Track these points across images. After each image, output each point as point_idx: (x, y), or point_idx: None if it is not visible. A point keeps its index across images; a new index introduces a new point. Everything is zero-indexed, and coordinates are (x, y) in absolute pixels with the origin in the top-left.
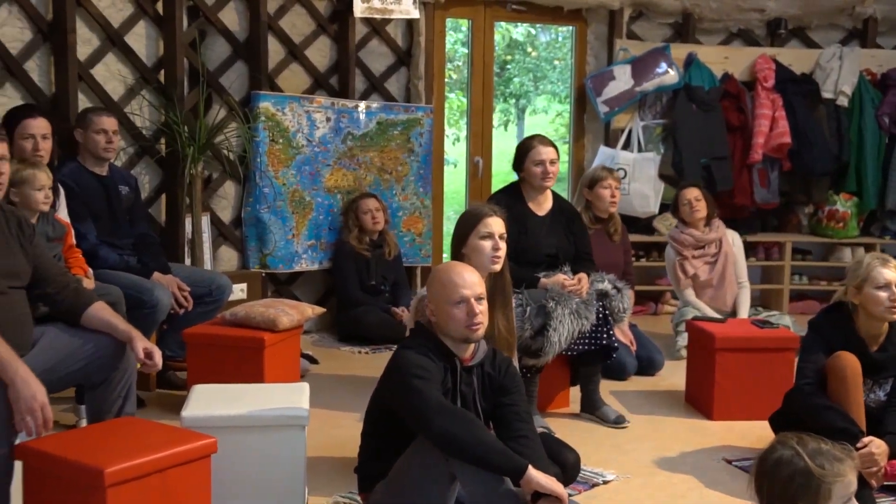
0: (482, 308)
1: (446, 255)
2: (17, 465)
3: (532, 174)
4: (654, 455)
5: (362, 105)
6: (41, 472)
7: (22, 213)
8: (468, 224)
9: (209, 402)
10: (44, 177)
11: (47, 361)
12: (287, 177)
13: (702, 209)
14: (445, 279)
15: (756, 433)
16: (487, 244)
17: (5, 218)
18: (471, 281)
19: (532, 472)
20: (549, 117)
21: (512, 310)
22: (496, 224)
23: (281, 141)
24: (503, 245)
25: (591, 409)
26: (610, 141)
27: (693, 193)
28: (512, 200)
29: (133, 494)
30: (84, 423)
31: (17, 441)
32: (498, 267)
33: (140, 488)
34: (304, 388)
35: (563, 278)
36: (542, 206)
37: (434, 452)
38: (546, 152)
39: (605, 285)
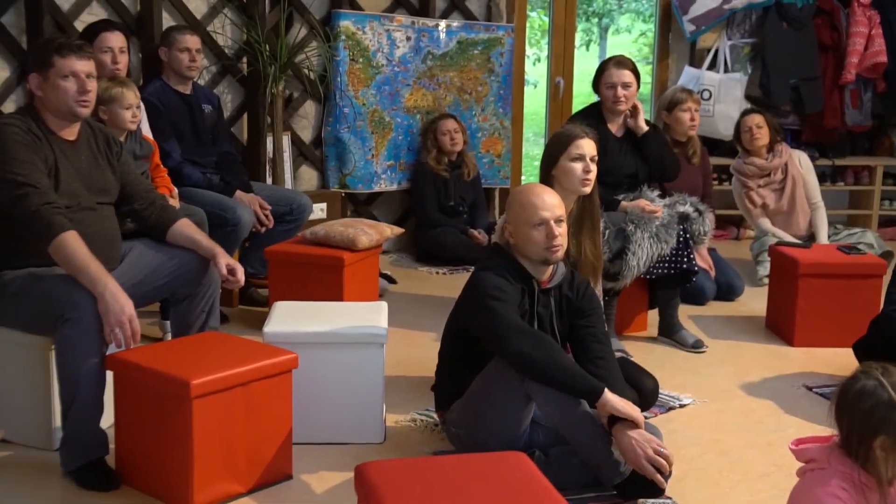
0: (561, 230)
1: (525, 177)
2: (109, 375)
3: (604, 97)
4: (732, 380)
5: (443, 24)
6: (131, 382)
7: (110, 130)
8: (559, 145)
9: (290, 318)
10: (132, 95)
11: (135, 276)
12: (367, 96)
13: (763, 136)
14: (525, 201)
15: (839, 361)
16: (578, 166)
17: (94, 135)
18: (551, 203)
19: (608, 394)
20: (632, 37)
21: (600, 234)
22: (588, 146)
23: (361, 60)
24: (594, 168)
25: (669, 332)
26: (695, 61)
27: (754, 120)
28: (591, 122)
29: (217, 406)
30: (169, 337)
31: (108, 352)
32: (588, 189)
33: (224, 400)
34: (383, 306)
35: (643, 203)
36: (622, 126)
37: (510, 373)
38: (619, 75)
39: (687, 208)
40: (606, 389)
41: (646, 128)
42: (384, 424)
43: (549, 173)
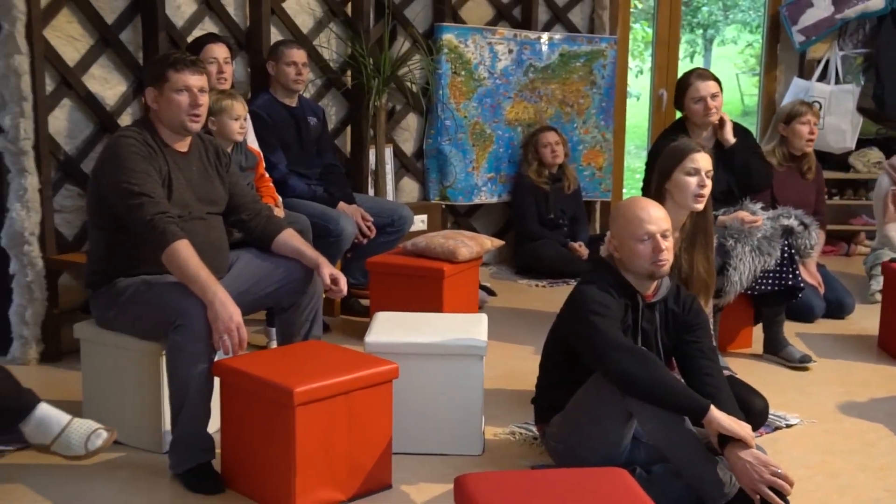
0: (668, 244)
1: (626, 190)
2: (216, 381)
3: (693, 112)
4: (841, 400)
5: (545, 36)
6: (236, 388)
7: (218, 142)
8: (674, 158)
9: (391, 328)
10: (240, 107)
11: (242, 284)
12: (468, 109)
13: None
14: (630, 214)
15: None
16: (693, 180)
17: (204, 147)
18: (657, 216)
19: (715, 412)
20: (738, 48)
21: (713, 251)
22: (704, 160)
23: (463, 73)
24: (709, 183)
25: (775, 349)
26: (804, 72)
27: None
28: (678, 138)
29: (319, 414)
30: (274, 344)
31: (216, 359)
32: (701, 206)
33: (326, 408)
34: (483, 318)
35: (742, 214)
36: (711, 140)
37: (611, 389)
38: (705, 87)
39: (792, 221)
40: (713, 407)
41: (732, 140)
42: (483, 436)
43: (661, 187)
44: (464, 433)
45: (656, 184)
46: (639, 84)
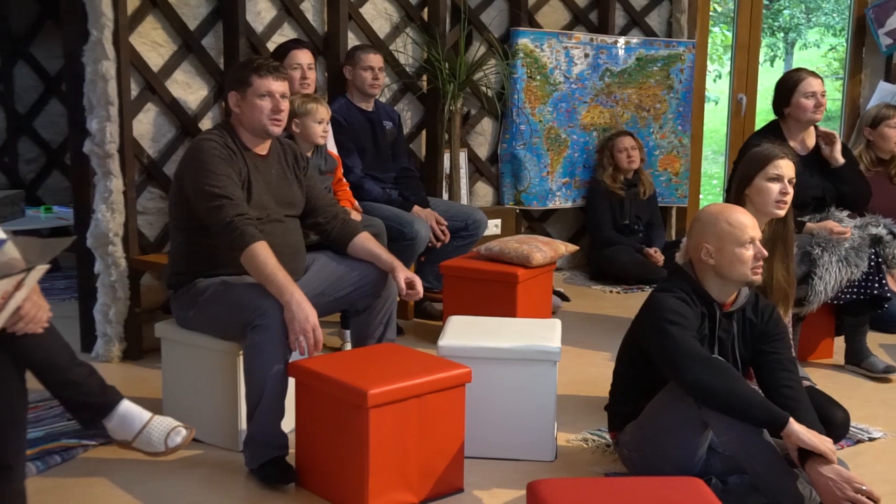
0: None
1: (703, 196)
2: (291, 382)
3: (803, 108)
4: None
5: (621, 41)
6: (311, 389)
7: (297, 146)
8: (756, 164)
9: (464, 332)
10: (323, 110)
11: (318, 286)
12: (543, 113)
13: None
14: (734, 220)
15: None
16: (775, 187)
17: (283, 150)
18: (754, 222)
19: (794, 425)
20: (820, 51)
21: (793, 260)
22: (787, 167)
23: (538, 77)
24: (791, 190)
25: (857, 359)
26: (891, 76)
27: None
28: (772, 140)
29: (393, 416)
30: (348, 346)
31: (291, 359)
32: (782, 212)
33: (399, 411)
34: (556, 324)
35: (831, 225)
36: (805, 144)
37: (686, 399)
38: (816, 84)
39: (880, 230)
40: (792, 420)
41: (842, 160)
42: (555, 442)
43: (742, 193)
44: (536, 439)
45: (736, 189)
46: (717, 88)
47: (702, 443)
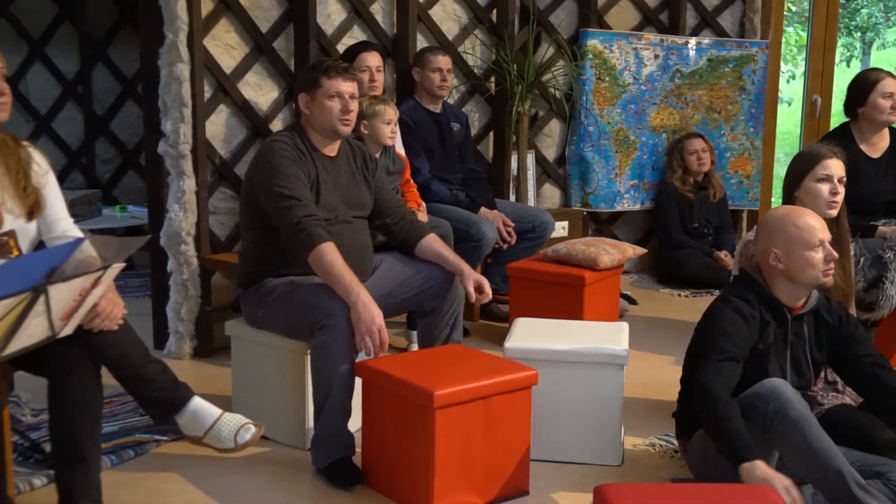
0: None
1: (775, 199)
2: (357, 382)
3: (879, 108)
4: None
5: (692, 41)
6: (377, 389)
7: (366, 147)
8: (804, 165)
9: (531, 335)
10: (391, 112)
11: (384, 287)
12: (612, 115)
13: None
14: (802, 223)
15: None
16: (825, 188)
17: (352, 152)
18: (822, 225)
19: (757, 464)
20: None
21: (850, 259)
22: (836, 166)
23: (607, 79)
24: (842, 189)
25: None
26: None
27: None
28: (843, 143)
29: (458, 417)
30: (415, 347)
31: (358, 360)
32: (834, 213)
33: (465, 412)
34: (624, 327)
35: None
36: (878, 146)
37: (755, 414)
38: (894, 84)
39: None
40: (757, 461)
41: None
42: (622, 447)
43: (791, 194)
44: (603, 443)
45: (786, 191)
46: (790, 89)
47: (769, 461)
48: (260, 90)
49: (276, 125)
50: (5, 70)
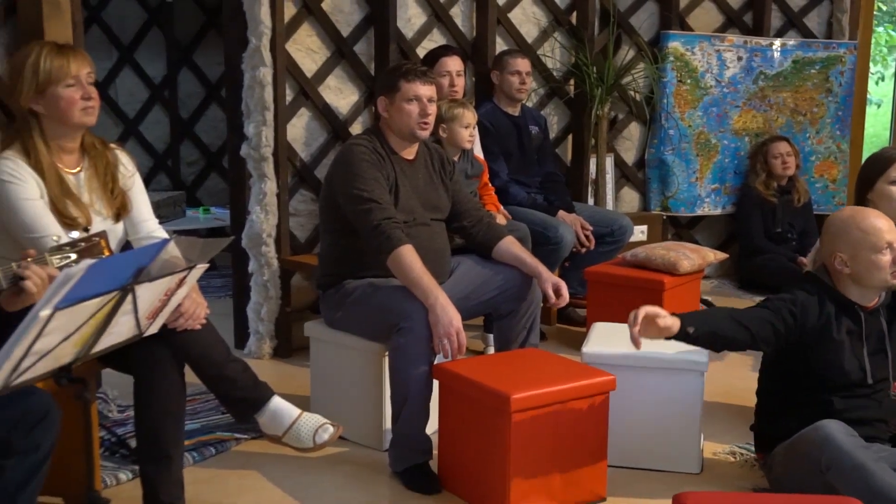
0: None
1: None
2: (434, 384)
3: None
4: None
5: (777, 42)
6: (454, 392)
7: (444, 151)
8: (877, 167)
9: (609, 339)
10: (470, 115)
11: (462, 290)
12: (693, 118)
13: None
14: (867, 225)
15: None
16: None
17: (430, 155)
18: (890, 226)
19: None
20: None
21: None
22: None
23: (689, 81)
24: None
25: None
26: None
27: None
28: None
29: (535, 422)
30: (491, 350)
31: (435, 362)
32: None
33: (542, 417)
34: None
35: None
36: None
37: (813, 454)
38: None
39: None
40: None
41: None
42: (701, 455)
43: (864, 197)
44: (681, 450)
45: (857, 194)
46: (879, 91)
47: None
48: (340, 94)
49: (356, 128)
50: (94, 75)
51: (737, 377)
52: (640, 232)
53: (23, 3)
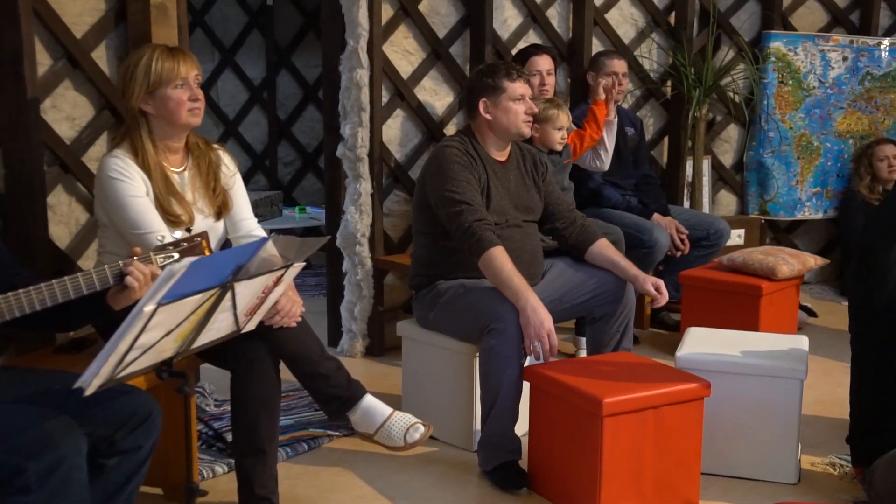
0: None
1: None
2: (525, 386)
3: None
4: None
5: (886, 42)
6: (545, 394)
7: (538, 152)
8: None
9: (703, 345)
10: (565, 118)
11: (555, 292)
12: (794, 120)
13: None
14: None
15: None
16: None
17: (521, 156)
18: None
19: None
20: None
21: None
22: None
23: (790, 82)
24: None
25: None
26: None
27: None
28: None
29: (627, 426)
30: (583, 353)
31: (526, 364)
32: None
33: (634, 421)
34: (803, 340)
35: None
36: None
37: None
38: None
39: None
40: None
41: None
42: (798, 465)
43: None
44: (778, 459)
45: None
46: None
47: None
48: (436, 95)
49: (451, 129)
50: (201, 77)
51: (837, 385)
52: (737, 236)
53: (132, 8)
